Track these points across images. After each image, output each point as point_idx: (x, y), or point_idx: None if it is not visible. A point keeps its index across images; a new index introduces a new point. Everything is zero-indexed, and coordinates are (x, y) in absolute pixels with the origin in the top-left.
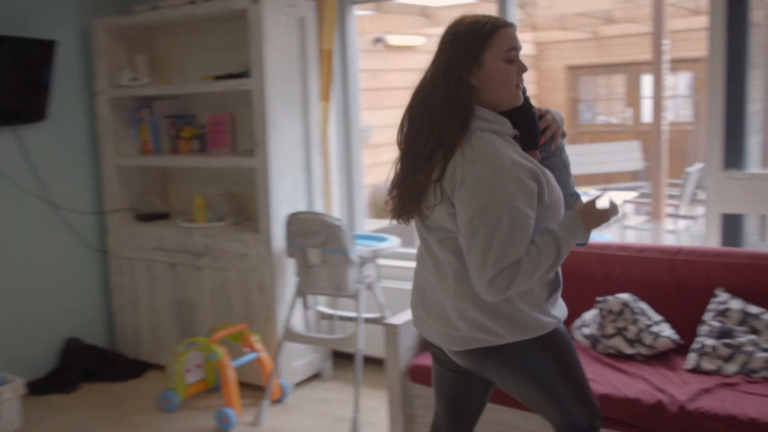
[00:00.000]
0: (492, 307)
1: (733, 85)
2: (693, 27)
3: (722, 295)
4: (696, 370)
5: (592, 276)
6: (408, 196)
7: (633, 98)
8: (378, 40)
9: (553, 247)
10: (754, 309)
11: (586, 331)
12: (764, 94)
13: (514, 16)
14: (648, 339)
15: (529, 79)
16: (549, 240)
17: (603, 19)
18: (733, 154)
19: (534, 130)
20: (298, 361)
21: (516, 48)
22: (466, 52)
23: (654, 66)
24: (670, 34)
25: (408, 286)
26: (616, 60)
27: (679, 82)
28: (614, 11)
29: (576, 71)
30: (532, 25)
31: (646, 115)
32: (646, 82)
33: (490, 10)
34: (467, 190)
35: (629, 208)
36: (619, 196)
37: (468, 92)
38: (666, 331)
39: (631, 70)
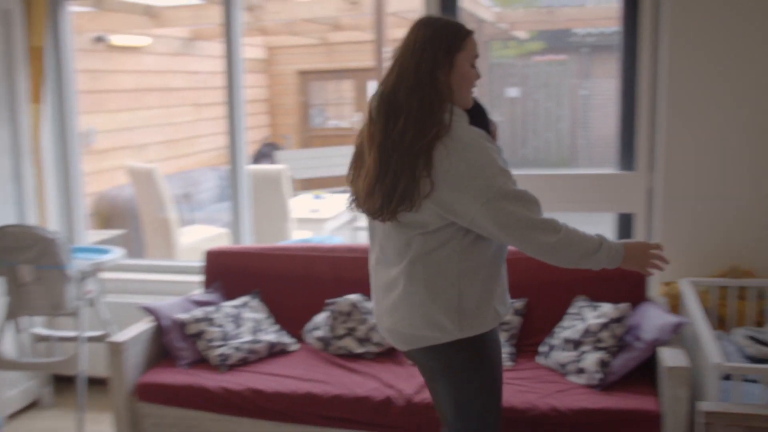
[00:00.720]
0: (444, 297)
1: None
2: None
3: None
4: None
5: (323, 278)
6: (392, 193)
7: (361, 103)
8: (99, 40)
9: (591, 245)
10: None
11: (318, 333)
12: None
13: (241, 19)
14: (376, 337)
15: (259, 83)
16: (593, 237)
17: (331, 26)
18: None
19: (488, 130)
20: (10, 390)
21: (478, 55)
22: (445, 52)
23: (377, 72)
24: (392, 43)
25: (135, 299)
26: (345, 66)
27: None
28: (341, 18)
29: (306, 76)
30: (261, 29)
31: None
32: (373, 87)
33: (216, 12)
34: (462, 177)
35: None
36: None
37: (444, 89)
38: None
39: (359, 75)
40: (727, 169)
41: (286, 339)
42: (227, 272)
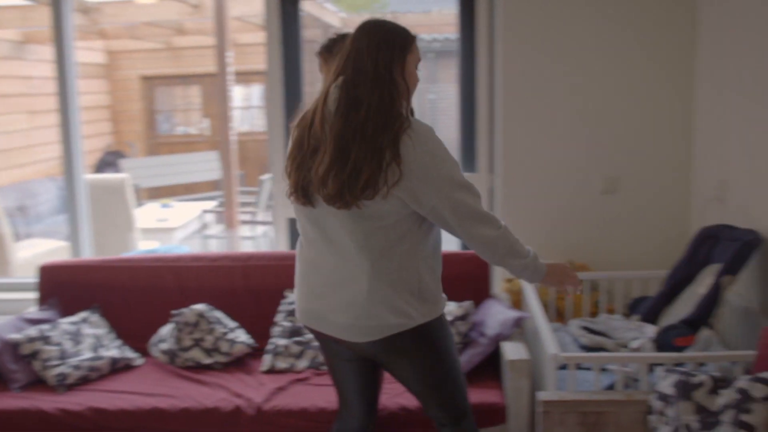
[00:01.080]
0: (406, 287)
1: (292, 97)
2: (260, 41)
3: (290, 296)
4: (271, 371)
5: (167, 289)
6: (353, 181)
7: (209, 109)
8: None
9: (522, 249)
10: None
11: (164, 346)
12: None
13: (72, 21)
14: (225, 347)
15: (100, 89)
16: (524, 246)
17: (174, 30)
18: None
19: None
20: None
21: (420, 58)
22: (399, 51)
23: (219, 78)
24: (241, 47)
25: None
26: (191, 71)
27: (253, 94)
28: (184, 23)
29: (151, 81)
30: (100, 32)
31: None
32: (238, 92)
33: (45, 14)
34: (428, 168)
35: (210, 217)
36: (198, 207)
37: (401, 86)
38: (242, 336)
39: (206, 81)
40: (561, 170)
41: (129, 354)
42: (64, 287)
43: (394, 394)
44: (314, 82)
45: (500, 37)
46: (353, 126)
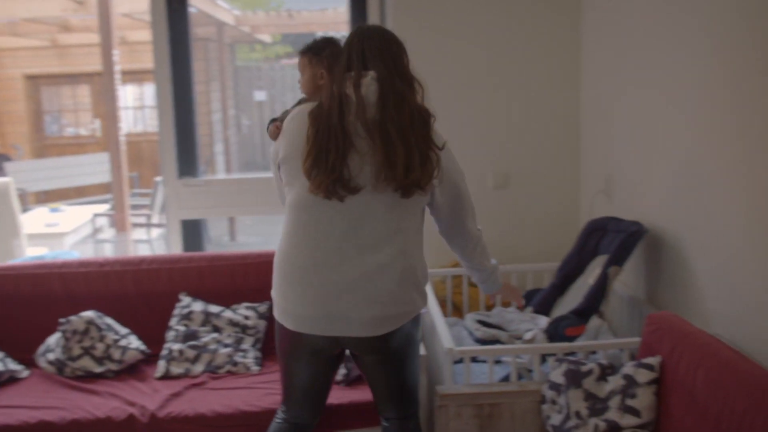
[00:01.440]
0: (420, 274)
1: (182, 96)
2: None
3: (185, 299)
4: (166, 377)
5: (54, 297)
6: (409, 171)
7: (100, 109)
8: None
9: (490, 255)
10: (214, 308)
11: (51, 356)
12: (222, 105)
13: None
14: (116, 354)
15: None
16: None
17: (59, 27)
18: (187, 162)
19: None
20: None
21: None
22: (406, 54)
23: (106, 77)
24: (132, 45)
25: None
26: (79, 70)
27: (147, 93)
28: (70, 19)
29: (36, 81)
30: None
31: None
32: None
33: None
34: (448, 158)
35: (102, 221)
36: (90, 210)
37: (416, 83)
38: (134, 343)
39: (95, 80)
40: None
41: (13, 366)
42: None
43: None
44: (207, 81)
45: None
46: (397, 120)
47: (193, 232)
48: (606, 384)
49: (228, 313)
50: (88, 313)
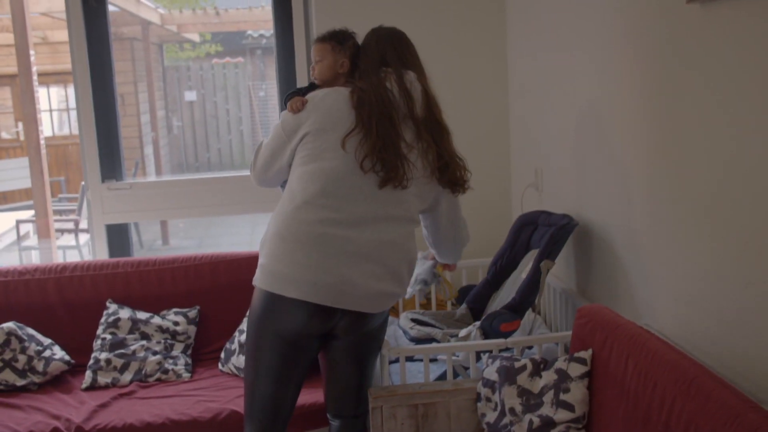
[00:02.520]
0: (412, 263)
1: (103, 98)
2: None
3: (112, 306)
4: (93, 387)
5: None
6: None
7: (20, 111)
8: None
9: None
10: (142, 315)
11: None
12: (150, 106)
13: None
14: (39, 366)
15: None
16: None
17: None
18: (110, 165)
19: None
20: None
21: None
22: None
23: (23, 78)
24: (53, 45)
25: None
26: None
27: (71, 95)
28: None
29: None
30: None
31: (46, 129)
32: (42, 94)
33: None
34: None
35: (27, 227)
36: (13, 217)
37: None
38: (58, 353)
39: (17, 82)
40: None
41: None
42: None
43: (226, 401)
44: (134, 81)
45: (315, 30)
46: (443, 122)
47: (119, 237)
48: (539, 379)
49: (156, 320)
50: (8, 324)
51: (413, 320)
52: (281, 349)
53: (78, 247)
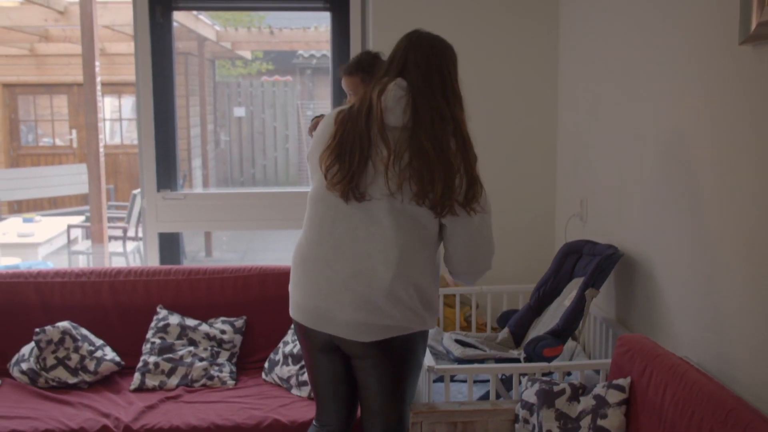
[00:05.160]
0: (422, 291)
1: (162, 109)
2: (132, 51)
3: (162, 312)
4: (141, 389)
5: (28, 306)
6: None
7: (77, 120)
8: None
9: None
10: (191, 322)
11: (24, 366)
12: (201, 119)
13: None
14: (91, 365)
15: None
16: None
17: (38, 36)
18: (166, 175)
19: None
20: None
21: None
22: (455, 67)
23: (87, 87)
24: (111, 57)
25: None
26: (57, 80)
27: (125, 105)
28: (50, 29)
29: (13, 89)
30: None
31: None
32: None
33: None
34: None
35: (77, 232)
36: (64, 222)
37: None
38: (109, 354)
39: (73, 91)
40: None
41: None
42: None
43: (268, 410)
44: (186, 95)
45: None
46: (447, 136)
47: (170, 245)
48: (577, 404)
49: (204, 327)
50: (63, 324)
51: (457, 341)
52: (317, 355)
53: (125, 254)
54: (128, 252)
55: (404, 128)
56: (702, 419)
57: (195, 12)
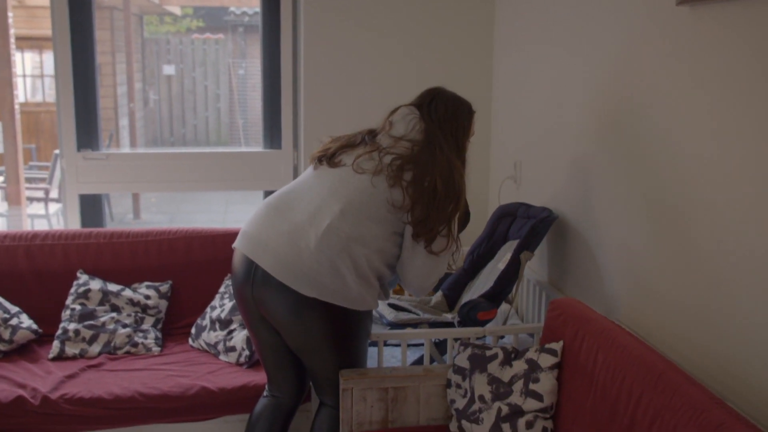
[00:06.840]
0: (368, 270)
1: (82, 65)
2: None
3: (82, 277)
4: (60, 358)
5: None
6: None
7: None
8: None
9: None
10: (113, 287)
11: None
12: (128, 78)
13: None
14: (6, 333)
15: None
16: None
17: None
18: (87, 135)
19: None
20: None
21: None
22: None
23: (0, 42)
24: (31, 10)
25: None
26: None
27: (46, 62)
28: None
29: None
30: None
31: (19, 95)
32: (17, 59)
33: None
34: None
35: None
36: None
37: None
38: (25, 322)
39: None
40: None
41: None
42: None
43: (196, 377)
44: (112, 51)
45: (303, 11)
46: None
47: (92, 207)
48: (510, 368)
49: (128, 292)
50: None
51: (390, 305)
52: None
53: (47, 216)
54: (51, 214)
55: (405, 138)
56: (633, 382)
57: None
